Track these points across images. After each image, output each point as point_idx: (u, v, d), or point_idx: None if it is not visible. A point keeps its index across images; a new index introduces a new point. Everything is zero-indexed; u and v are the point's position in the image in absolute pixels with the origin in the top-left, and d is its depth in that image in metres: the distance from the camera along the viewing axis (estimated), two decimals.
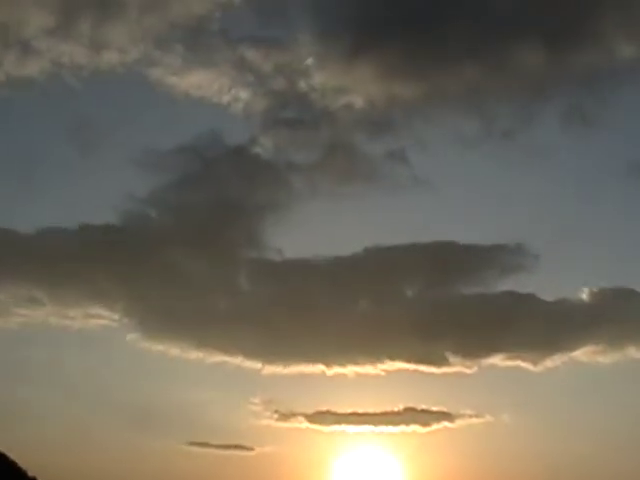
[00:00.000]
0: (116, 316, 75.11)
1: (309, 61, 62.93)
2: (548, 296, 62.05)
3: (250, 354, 75.26)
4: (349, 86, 58.52)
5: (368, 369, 79.91)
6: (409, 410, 79.39)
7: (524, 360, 76.58)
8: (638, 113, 62.53)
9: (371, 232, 68.72)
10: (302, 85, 67.62)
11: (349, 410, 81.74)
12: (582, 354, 77.59)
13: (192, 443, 77.93)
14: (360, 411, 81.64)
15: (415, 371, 78.12)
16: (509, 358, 78.58)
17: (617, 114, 54.64)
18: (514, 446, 79.37)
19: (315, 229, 78.63)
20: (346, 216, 72.58)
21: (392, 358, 74.81)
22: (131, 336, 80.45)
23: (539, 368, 78.20)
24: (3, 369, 72.41)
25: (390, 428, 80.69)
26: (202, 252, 71.68)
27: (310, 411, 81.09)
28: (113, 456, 76.63)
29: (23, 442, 69.23)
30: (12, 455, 64.86)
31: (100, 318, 78.55)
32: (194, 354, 79.22)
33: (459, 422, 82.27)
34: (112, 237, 62.05)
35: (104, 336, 78.67)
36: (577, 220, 69.14)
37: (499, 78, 56.37)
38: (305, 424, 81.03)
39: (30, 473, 57.86)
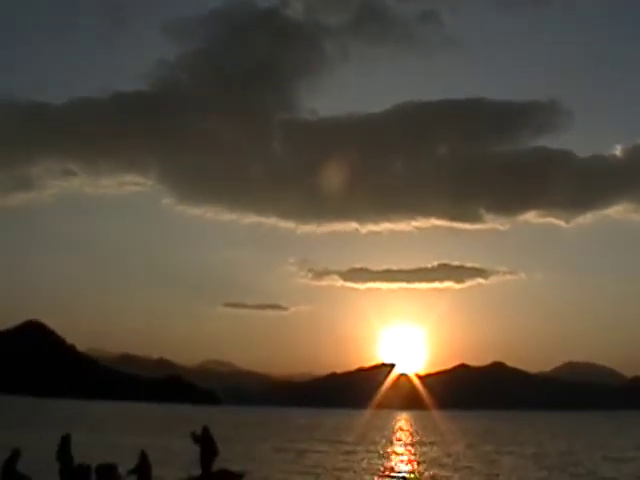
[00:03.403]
0: (150, 182, 78.16)
1: None
2: (582, 152, 61.44)
3: (284, 214, 77.82)
4: None
5: (401, 226, 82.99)
6: (443, 267, 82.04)
7: (557, 217, 77.74)
8: None
9: (403, 91, 69.77)
10: None
11: (383, 267, 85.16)
12: (615, 212, 78.13)
13: (228, 304, 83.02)
14: (394, 268, 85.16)
15: (449, 228, 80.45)
16: (542, 215, 79.94)
17: None
18: (547, 303, 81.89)
19: (348, 89, 79.54)
20: (378, 76, 72.86)
21: (425, 215, 76.22)
22: (166, 201, 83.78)
23: (571, 225, 79.43)
24: (41, 241, 77.88)
25: (424, 285, 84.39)
26: (235, 116, 72.55)
27: (344, 269, 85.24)
28: (151, 319, 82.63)
29: (61, 311, 75.29)
30: (51, 324, 70.21)
31: (134, 185, 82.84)
32: (228, 216, 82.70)
33: (493, 279, 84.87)
34: (144, 104, 63.11)
35: (139, 202, 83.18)
36: (611, 77, 67.53)
37: None
38: (340, 282, 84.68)
39: (69, 340, 61.41)
